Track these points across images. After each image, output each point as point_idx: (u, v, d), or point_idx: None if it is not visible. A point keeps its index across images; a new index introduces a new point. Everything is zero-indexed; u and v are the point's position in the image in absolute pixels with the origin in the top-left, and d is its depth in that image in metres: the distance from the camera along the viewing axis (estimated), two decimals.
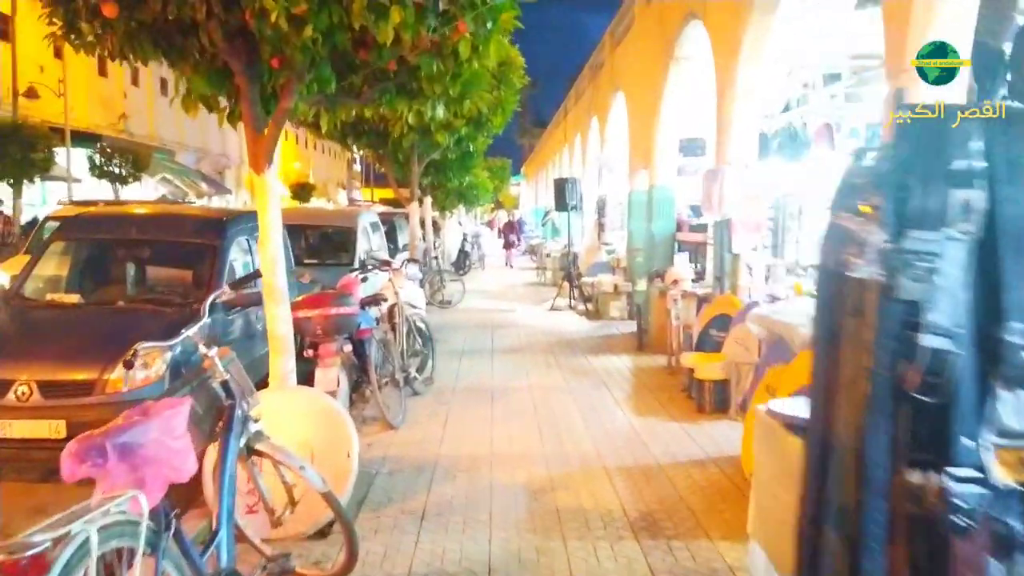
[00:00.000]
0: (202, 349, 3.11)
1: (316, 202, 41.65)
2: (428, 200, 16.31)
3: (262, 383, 4.76)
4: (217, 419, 3.08)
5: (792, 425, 2.92)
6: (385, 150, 10.67)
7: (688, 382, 7.27)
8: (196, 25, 3.96)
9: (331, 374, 5.50)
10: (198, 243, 6.46)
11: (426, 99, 5.13)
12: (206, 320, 3.52)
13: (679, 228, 11.21)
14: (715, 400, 6.73)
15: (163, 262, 6.98)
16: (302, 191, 44.22)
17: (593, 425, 6.50)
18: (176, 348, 4.77)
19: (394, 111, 5.57)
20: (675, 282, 9.51)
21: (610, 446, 5.89)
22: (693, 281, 9.60)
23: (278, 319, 4.75)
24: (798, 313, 5.00)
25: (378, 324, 6.76)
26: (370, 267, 7.81)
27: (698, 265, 11.62)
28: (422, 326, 8.10)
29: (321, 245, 11.88)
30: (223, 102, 4.93)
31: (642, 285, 12.85)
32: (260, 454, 3.35)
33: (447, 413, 6.88)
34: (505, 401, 7.37)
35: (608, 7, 18.16)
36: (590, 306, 14.04)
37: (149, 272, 6.92)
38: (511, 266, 24.22)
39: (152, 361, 4.94)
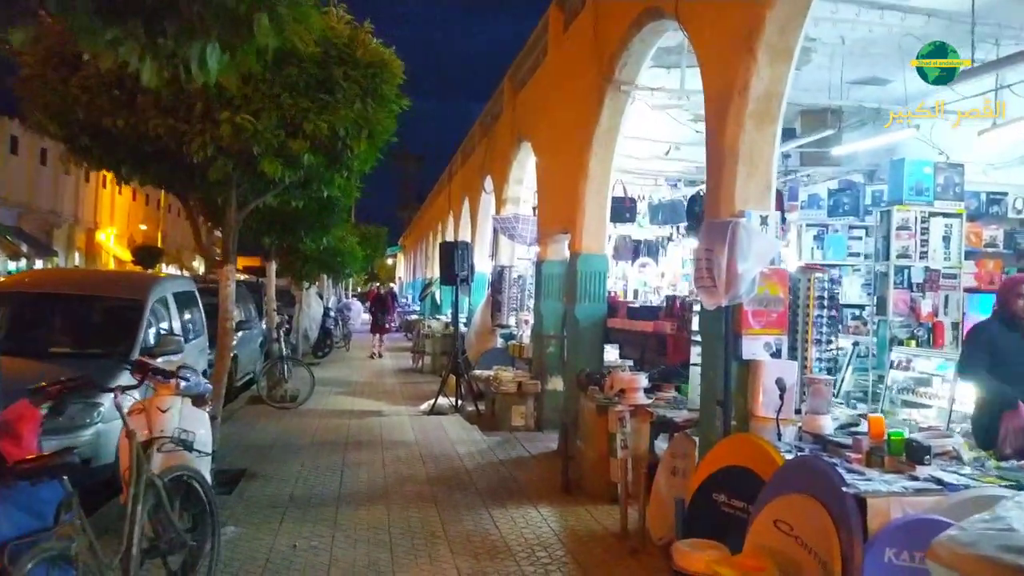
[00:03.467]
0: None
1: (168, 271, 36.42)
2: (272, 266, 12.55)
3: None
4: None
5: None
6: (187, 185, 7.04)
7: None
8: None
9: None
10: None
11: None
12: None
13: (612, 311, 8.17)
14: None
15: None
16: (148, 256, 38.86)
17: None
18: None
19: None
20: (622, 392, 6.38)
21: None
22: (648, 391, 6.49)
23: None
24: None
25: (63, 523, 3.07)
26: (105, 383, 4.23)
27: (633, 364, 8.60)
28: (199, 488, 4.45)
29: (86, 325, 7.95)
30: None
31: (555, 384, 9.66)
32: None
33: None
34: None
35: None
36: (483, 407, 10.65)
37: None
38: (379, 355, 18.86)
39: None
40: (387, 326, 19.75)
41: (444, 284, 12.45)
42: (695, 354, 5.32)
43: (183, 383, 4.71)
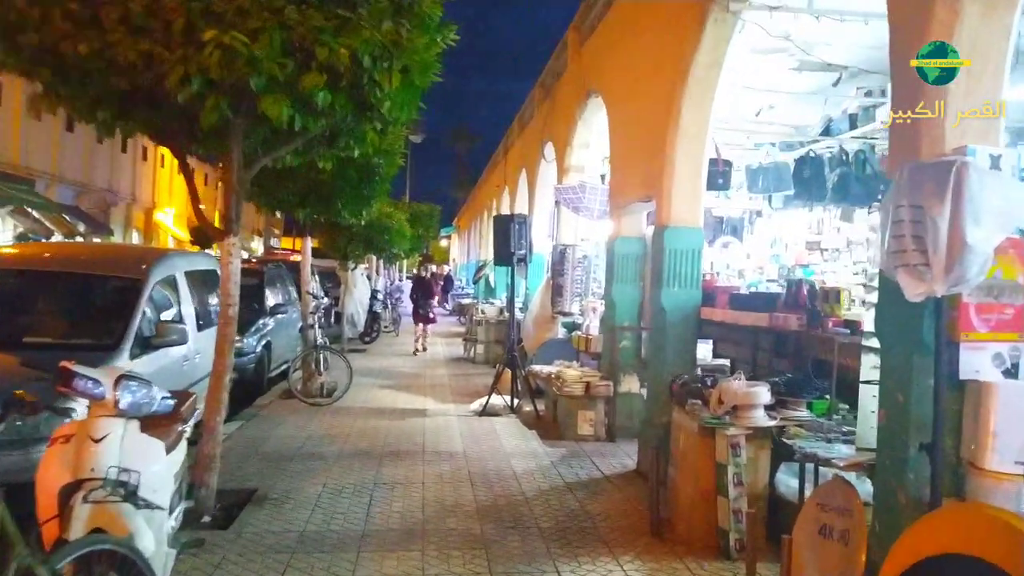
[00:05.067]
0: None
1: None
2: (307, 243, 11.22)
3: None
4: None
5: None
6: (181, 135, 5.66)
7: None
8: None
9: None
10: None
11: None
12: None
13: (707, 300, 6.50)
14: None
15: None
16: (204, 236, 38.51)
17: None
18: None
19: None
20: (735, 409, 4.80)
21: None
22: (771, 410, 4.87)
23: None
24: None
25: None
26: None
27: (733, 367, 6.95)
28: (140, 567, 3.04)
29: (72, 309, 6.70)
30: None
31: (630, 384, 8.08)
32: None
33: None
34: None
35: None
36: (542, 408, 9.14)
37: None
38: (422, 348, 15.91)
39: None
40: (431, 315, 16.29)
41: (498, 264, 10.92)
42: (866, 367, 3.67)
43: (125, 399, 3.29)
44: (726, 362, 7.67)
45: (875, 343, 3.47)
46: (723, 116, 8.51)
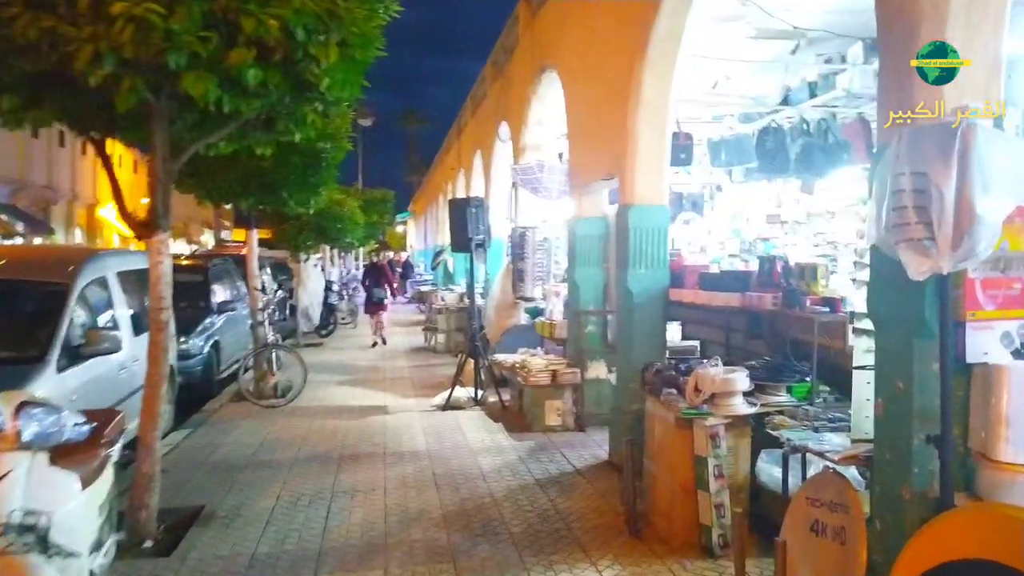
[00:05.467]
0: None
1: (175, 246, 34.69)
2: (254, 235, 10.63)
3: None
4: None
5: None
6: (100, 123, 5.10)
7: None
8: None
9: None
10: None
11: None
12: None
13: (676, 280, 6.20)
14: None
15: None
16: (150, 231, 37.00)
17: None
18: None
19: None
20: (712, 397, 4.54)
21: None
22: (749, 396, 4.61)
23: None
24: None
25: None
26: None
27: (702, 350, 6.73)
28: None
29: None
30: None
31: (597, 370, 7.79)
32: None
33: None
34: None
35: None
36: (507, 398, 8.81)
37: None
38: (382, 341, 15.01)
39: None
40: (384, 302, 15.39)
41: (456, 251, 10.50)
42: (859, 351, 3.38)
43: (28, 429, 2.84)
44: (695, 344, 7.43)
45: (868, 325, 3.20)
46: (680, 89, 8.23)
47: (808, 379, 4.63)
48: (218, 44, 4.03)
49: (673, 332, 6.84)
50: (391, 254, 52.38)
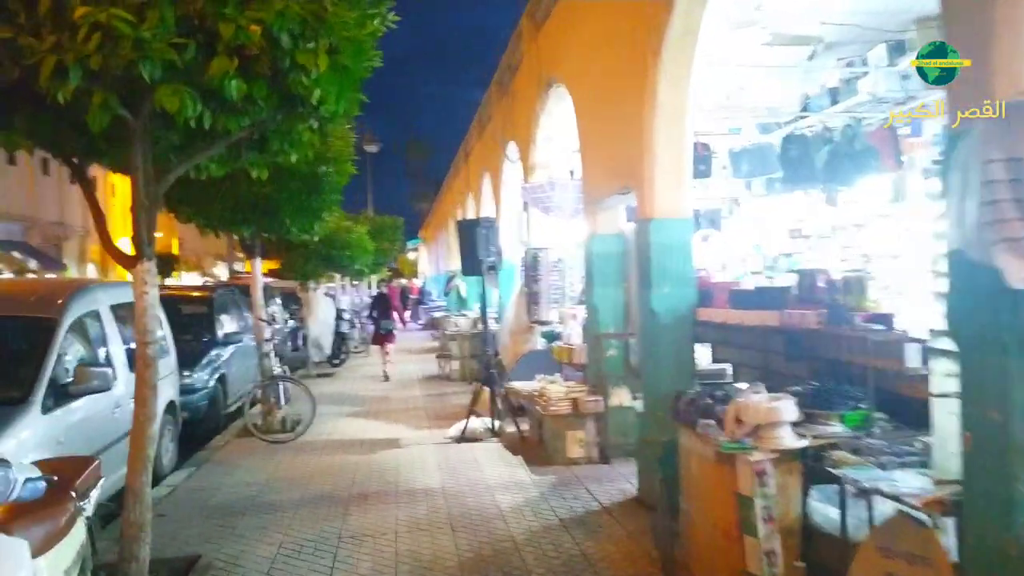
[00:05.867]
0: None
1: (188, 278, 34.63)
2: (257, 264, 10.26)
3: None
4: None
5: None
6: (77, 144, 4.74)
7: None
8: None
9: None
10: None
11: None
12: None
13: (704, 298, 5.74)
14: None
15: None
16: (162, 264, 37.16)
17: None
18: None
19: None
20: (756, 429, 4.05)
21: None
22: (799, 426, 4.13)
23: None
24: None
25: None
26: None
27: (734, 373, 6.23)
28: None
29: None
30: None
31: (620, 397, 7.32)
32: None
33: None
34: None
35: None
36: (526, 429, 8.33)
37: None
38: (384, 376, 13.83)
39: None
40: (392, 333, 14.46)
41: (466, 274, 10.09)
42: (937, 376, 2.88)
43: None
44: (725, 367, 6.94)
45: (948, 344, 2.73)
46: (696, 93, 7.82)
47: (863, 406, 4.14)
48: (195, 53, 3.67)
49: (703, 354, 6.35)
50: (404, 281, 52.19)
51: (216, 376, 9.95)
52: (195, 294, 12.21)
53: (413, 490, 6.52)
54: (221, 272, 49.72)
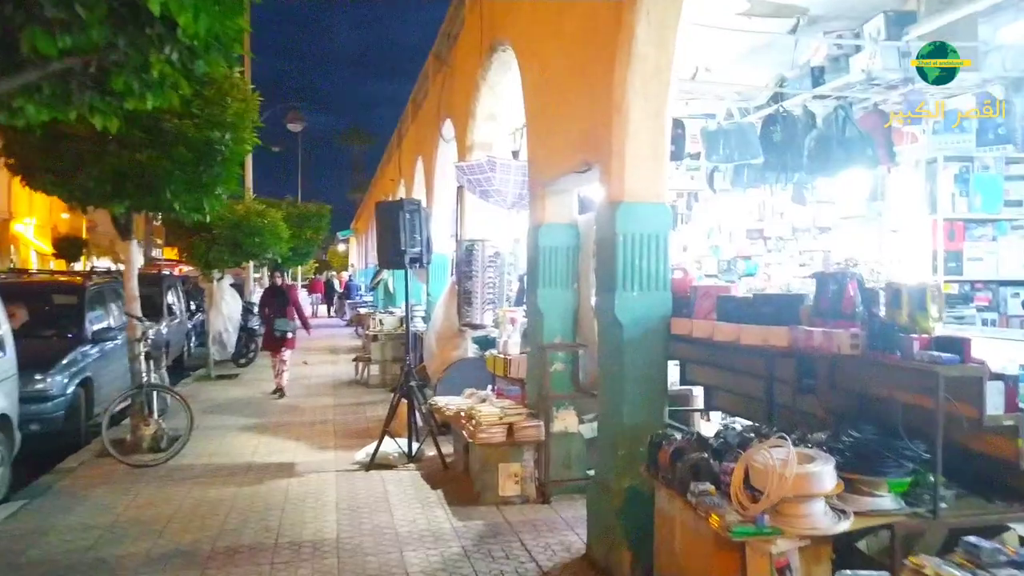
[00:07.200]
0: None
1: (101, 263, 31.66)
2: (133, 247, 8.49)
3: None
4: None
5: None
6: None
7: None
8: None
9: None
10: None
11: None
12: None
13: (681, 305, 4.48)
14: None
15: None
16: (71, 248, 34.07)
17: None
18: None
19: None
20: (779, 503, 2.75)
21: None
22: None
23: None
24: None
25: None
26: None
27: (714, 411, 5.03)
28: None
29: None
30: None
31: (566, 421, 6.04)
32: None
33: None
34: None
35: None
36: (449, 454, 6.95)
37: None
38: (278, 389, 11.02)
39: None
40: (289, 337, 11.11)
41: (384, 267, 8.61)
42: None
43: None
44: (692, 389, 5.72)
45: None
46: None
47: (916, 466, 2.92)
48: None
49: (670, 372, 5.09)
50: (333, 273, 49.77)
51: (78, 380, 8.21)
52: (64, 282, 10.36)
53: (298, 543, 5.03)
54: (138, 258, 46.47)
